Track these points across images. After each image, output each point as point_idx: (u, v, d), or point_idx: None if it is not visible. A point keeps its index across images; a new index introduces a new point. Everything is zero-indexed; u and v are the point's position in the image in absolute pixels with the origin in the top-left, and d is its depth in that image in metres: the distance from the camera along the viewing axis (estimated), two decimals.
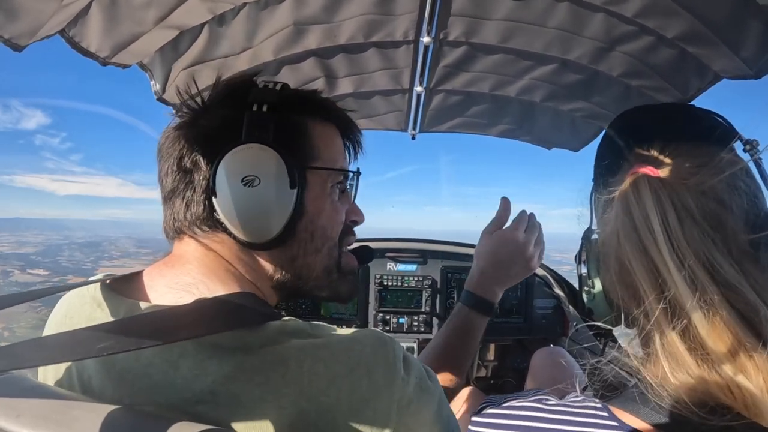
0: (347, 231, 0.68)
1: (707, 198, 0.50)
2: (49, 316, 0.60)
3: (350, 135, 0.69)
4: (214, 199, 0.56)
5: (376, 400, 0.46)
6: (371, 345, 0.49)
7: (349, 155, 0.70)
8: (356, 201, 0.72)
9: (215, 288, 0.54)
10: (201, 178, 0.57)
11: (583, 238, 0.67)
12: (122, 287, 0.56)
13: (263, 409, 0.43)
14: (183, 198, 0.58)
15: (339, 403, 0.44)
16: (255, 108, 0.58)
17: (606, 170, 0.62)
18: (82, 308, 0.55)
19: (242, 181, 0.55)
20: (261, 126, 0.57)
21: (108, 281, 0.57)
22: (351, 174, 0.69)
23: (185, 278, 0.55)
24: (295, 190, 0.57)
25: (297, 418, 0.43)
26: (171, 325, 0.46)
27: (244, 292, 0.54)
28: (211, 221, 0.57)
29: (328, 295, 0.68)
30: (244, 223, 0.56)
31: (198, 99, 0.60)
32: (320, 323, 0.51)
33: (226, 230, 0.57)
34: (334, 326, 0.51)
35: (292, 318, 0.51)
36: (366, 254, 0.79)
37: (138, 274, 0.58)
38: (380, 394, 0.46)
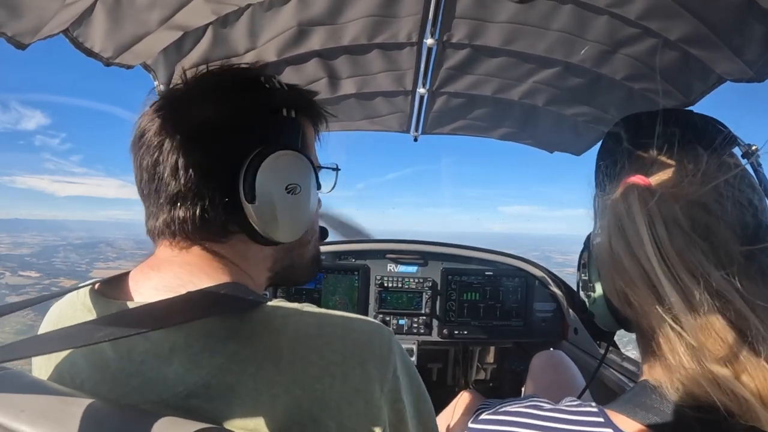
0: None
1: (696, 207, 0.50)
2: (40, 323, 0.59)
3: (318, 131, 0.69)
4: (250, 206, 0.53)
5: (368, 391, 0.46)
6: (366, 335, 0.49)
7: None
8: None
9: (204, 285, 0.52)
10: (229, 181, 0.53)
11: (585, 243, 0.67)
12: (110, 291, 0.55)
13: (257, 400, 0.43)
14: (198, 200, 0.53)
15: (332, 391, 0.44)
16: (284, 113, 0.59)
17: (604, 176, 0.62)
18: (73, 315, 0.54)
19: (286, 189, 0.56)
20: (290, 132, 0.59)
21: (96, 286, 0.56)
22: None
23: (174, 281, 0.53)
24: (318, 192, 0.63)
25: (291, 406, 0.43)
26: (162, 314, 0.45)
27: (234, 283, 0.54)
28: (231, 225, 0.55)
29: (306, 280, 0.72)
30: (282, 228, 0.57)
31: (200, 89, 0.57)
32: (311, 305, 0.51)
33: (247, 233, 0.55)
34: (327, 310, 0.50)
35: (282, 300, 0.50)
36: (323, 235, 0.82)
37: (125, 277, 0.56)
38: (372, 385, 0.46)
